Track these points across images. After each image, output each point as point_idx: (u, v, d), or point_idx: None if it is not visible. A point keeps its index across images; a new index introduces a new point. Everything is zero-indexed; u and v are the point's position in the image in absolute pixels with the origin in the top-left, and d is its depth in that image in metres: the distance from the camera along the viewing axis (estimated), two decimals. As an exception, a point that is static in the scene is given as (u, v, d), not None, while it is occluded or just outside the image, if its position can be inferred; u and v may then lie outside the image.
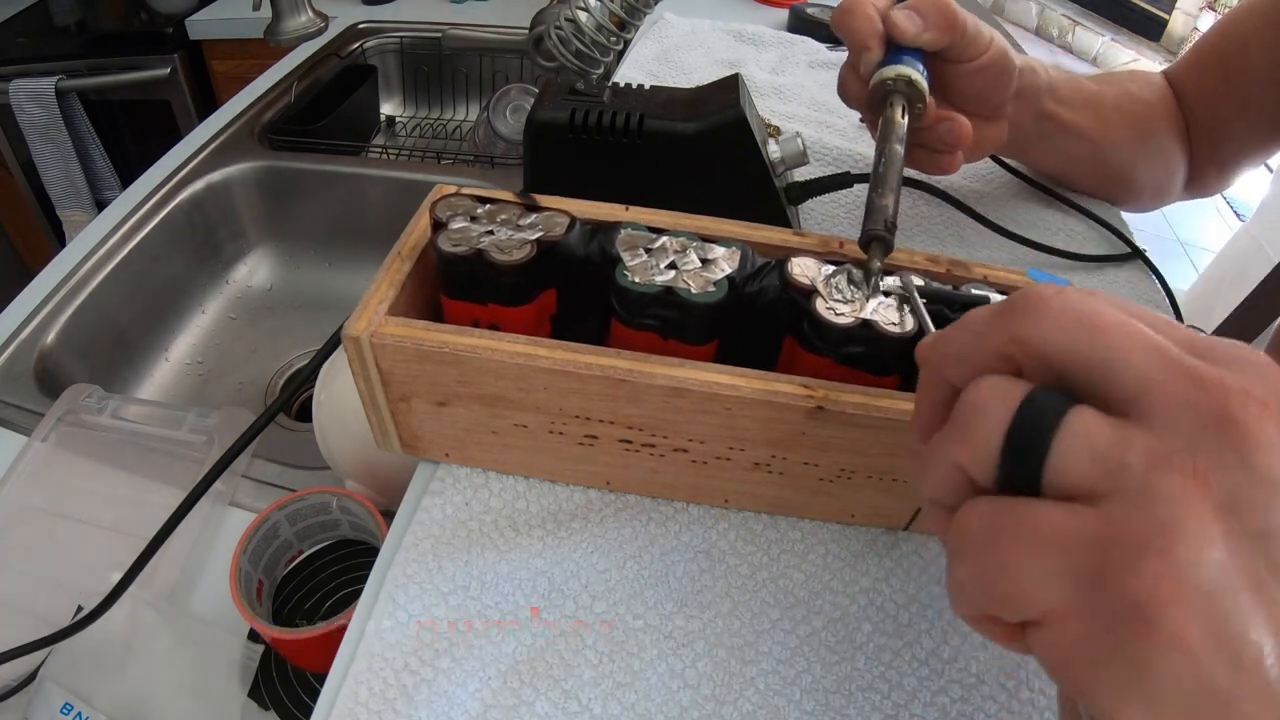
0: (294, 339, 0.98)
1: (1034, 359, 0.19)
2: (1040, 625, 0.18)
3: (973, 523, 0.19)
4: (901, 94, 0.39)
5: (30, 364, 0.72)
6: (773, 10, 1.06)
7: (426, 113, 1.34)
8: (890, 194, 0.34)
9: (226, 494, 0.59)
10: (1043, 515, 0.18)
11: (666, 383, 0.29)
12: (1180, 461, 0.17)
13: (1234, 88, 0.55)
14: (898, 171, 0.35)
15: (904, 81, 0.39)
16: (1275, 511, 0.16)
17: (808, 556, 0.34)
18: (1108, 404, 0.18)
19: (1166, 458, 0.17)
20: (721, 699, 0.30)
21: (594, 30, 0.43)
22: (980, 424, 0.19)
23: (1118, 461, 0.17)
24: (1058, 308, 0.19)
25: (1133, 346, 0.18)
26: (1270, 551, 0.16)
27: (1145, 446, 0.17)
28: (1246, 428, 0.16)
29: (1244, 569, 0.16)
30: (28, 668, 0.48)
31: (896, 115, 0.38)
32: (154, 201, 0.90)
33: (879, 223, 0.32)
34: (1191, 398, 0.17)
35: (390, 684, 0.29)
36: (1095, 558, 0.17)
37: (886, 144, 0.36)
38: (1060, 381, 0.19)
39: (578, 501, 0.35)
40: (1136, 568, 0.16)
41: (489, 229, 0.32)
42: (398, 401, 0.32)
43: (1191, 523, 0.16)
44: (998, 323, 0.20)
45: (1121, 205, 0.59)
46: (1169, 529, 0.16)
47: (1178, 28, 1.30)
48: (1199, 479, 0.16)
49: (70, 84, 1.31)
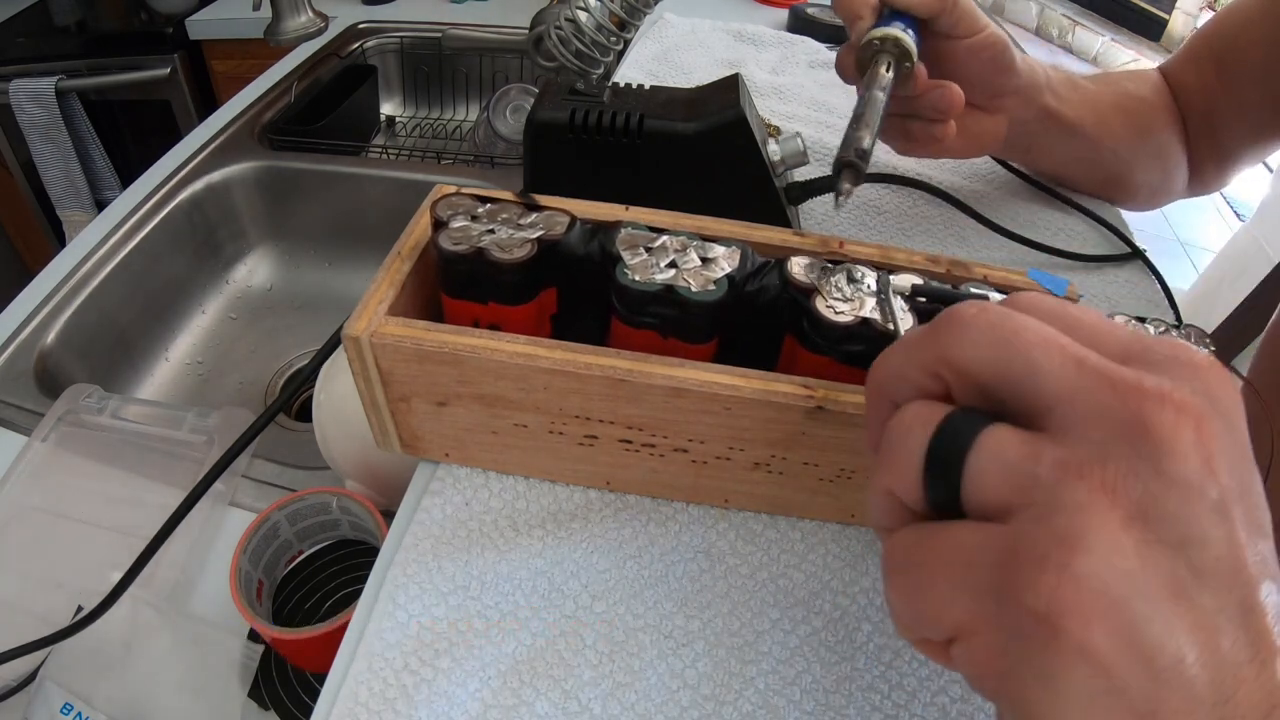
0: (294, 339, 0.98)
1: (959, 378, 0.20)
2: (958, 641, 0.18)
3: (896, 549, 0.20)
4: (888, 53, 0.40)
5: (30, 364, 0.72)
6: (773, 10, 1.06)
7: (426, 113, 1.34)
8: (865, 129, 0.35)
9: (226, 494, 0.59)
10: (951, 536, 0.18)
11: (666, 383, 0.29)
12: (1089, 471, 0.16)
13: (1229, 83, 0.55)
14: (877, 113, 0.36)
15: (891, 41, 0.40)
16: (1193, 518, 0.16)
17: (808, 556, 0.34)
18: (1030, 418, 0.18)
19: (1076, 468, 0.17)
20: (721, 699, 0.30)
21: (594, 30, 0.43)
22: (902, 450, 0.19)
23: (1028, 474, 0.17)
24: (977, 325, 0.19)
25: (1049, 359, 0.18)
26: (1192, 558, 0.16)
27: (1055, 458, 0.17)
28: (1160, 434, 0.16)
29: (1160, 576, 0.16)
30: (28, 668, 0.48)
31: (881, 69, 0.39)
32: (154, 201, 0.90)
33: (849, 150, 0.33)
34: (1106, 405, 0.17)
35: (390, 684, 0.29)
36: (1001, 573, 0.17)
37: (869, 90, 0.37)
38: (987, 399, 0.19)
39: (578, 501, 0.35)
40: (1037, 579, 0.16)
41: (489, 228, 0.32)
42: (398, 401, 0.32)
43: (1094, 532, 0.16)
44: (925, 343, 0.20)
45: (1121, 204, 0.59)
46: (1069, 539, 0.16)
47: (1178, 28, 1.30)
48: (1108, 488, 0.16)
49: (70, 84, 1.31)
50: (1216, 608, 0.16)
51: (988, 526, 0.18)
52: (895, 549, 0.20)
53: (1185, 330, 0.31)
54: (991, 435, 0.18)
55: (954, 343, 0.19)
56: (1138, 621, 0.15)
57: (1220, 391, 0.18)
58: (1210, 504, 0.16)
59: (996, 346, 0.19)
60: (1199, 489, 0.16)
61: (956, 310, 0.20)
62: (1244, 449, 0.17)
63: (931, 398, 0.20)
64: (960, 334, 0.19)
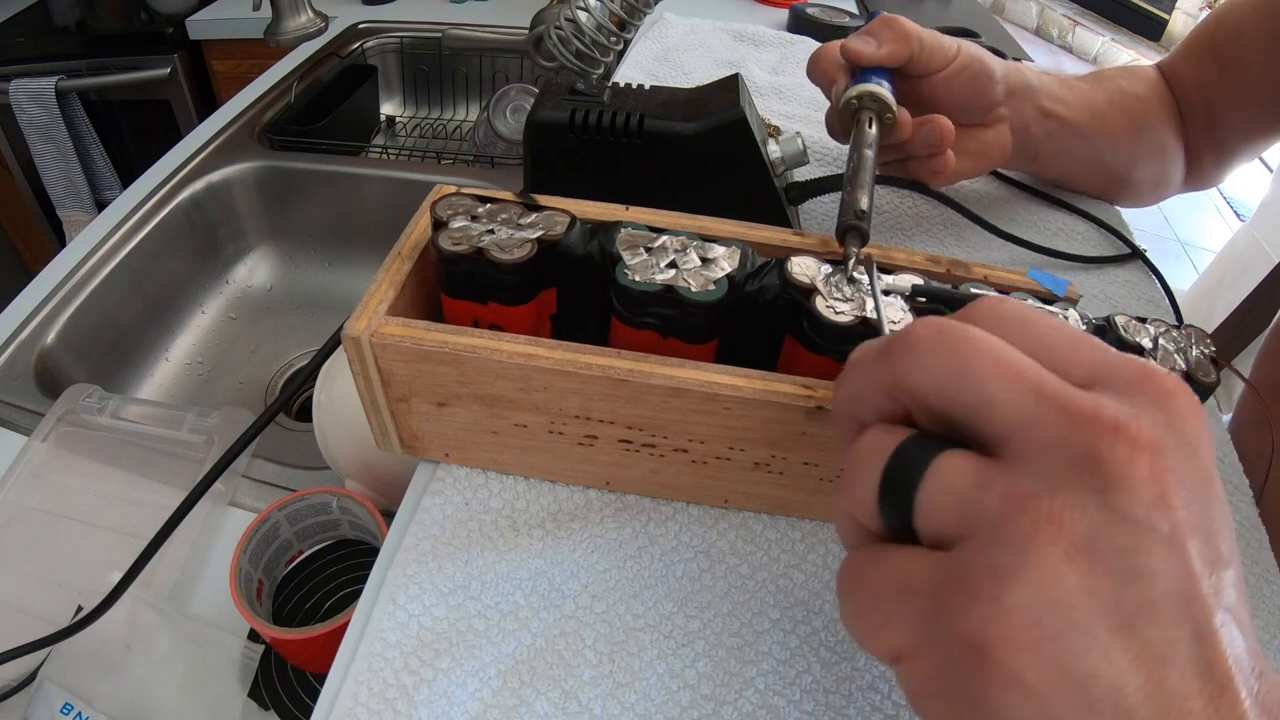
0: (294, 339, 0.98)
1: (915, 402, 0.19)
2: (899, 662, 0.18)
3: (848, 570, 0.20)
4: (869, 109, 0.41)
5: (30, 364, 0.72)
6: (773, 10, 1.06)
7: (426, 113, 1.34)
8: (861, 189, 0.35)
9: (226, 494, 0.59)
10: (895, 561, 0.19)
11: (666, 383, 0.29)
12: (1035, 503, 0.16)
13: (1229, 77, 0.55)
14: (868, 171, 0.37)
15: (868, 97, 0.41)
16: (1141, 552, 0.16)
17: (808, 556, 0.34)
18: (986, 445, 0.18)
19: (1022, 500, 0.17)
20: (721, 699, 0.30)
21: (594, 30, 0.43)
22: (859, 477, 0.20)
23: (975, 505, 0.17)
24: (929, 350, 0.19)
25: (1003, 389, 0.18)
26: (1141, 590, 0.16)
27: (1003, 489, 0.17)
28: (1110, 468, 0.16)
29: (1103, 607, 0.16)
30: (28, 668, 0.48)
31: (865, 126, 0.40)
32: (154, 201, 0.90)
33: (849, 214, 0.34)
34: (1060, 437, 0.17)
35: (390, 684, 0.29)
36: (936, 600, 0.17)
37: (858, 150, 0.39)
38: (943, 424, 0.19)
39: (578, 501, 0.35)
40: (970, 609, 0.16)
41: (489, 228, 0.32)
42: (398, 401, 0.32)
43: (1032, 564, 0.16)
44: (880, 366, 0.20)
45: (1121, 202, 0.59)
46: (1004, 571, 0.16)
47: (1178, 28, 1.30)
48: (1054, 520, 0.16)
49: (70, 84, 1.31)
50: (1165, 639, 0.16)
51: (930, 554, 0.18)
52: (848, 570, 0.20)
53: (1185, 330, 0.31)
54: (942, 465, 0.18)
55: (907, 369, 0.19)
56: (1072, 652, 0.16)
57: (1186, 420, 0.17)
58: (1160, 537, 0.16)
59: (950, 374, 0.18)
60: (1148, 523, 0.16)
61: (911, 332, 0.19)
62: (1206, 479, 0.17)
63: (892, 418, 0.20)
64: (912, 359, 0.19)
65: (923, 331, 0.19)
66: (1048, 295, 0.33)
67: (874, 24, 0.43)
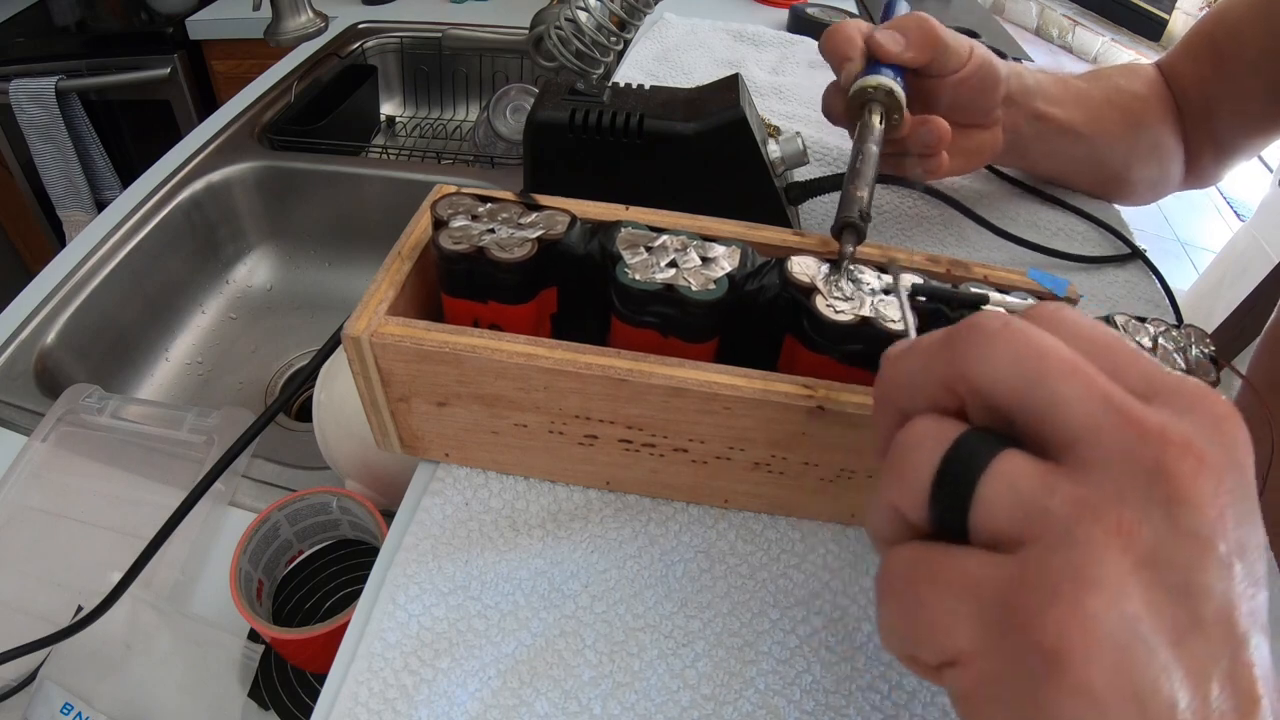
0: (294, 339, 0.98)
1: (976, 396, 0.19)
2: (954, 665, 0.18)
3: (896, 566, 0.19)
4: (880, 103, 0.41)
5: (30, 364, 0.72)
6: (773, 10, 1.06)
7: (426, 113, 1.34)
8: (865, 187, 0.35)
9: (226, 494, 0.59)
10: (958, 562, 0.18)
11: (666, 382, 0.29)
12: (1105, 513, 0.16)
13: (1227, 75, 0.55)
14: (873, 168, 0.36)
15: (884, 91, 0.40)
16: (1200, 569, 0.16)
17: (808, 556, 0.34)
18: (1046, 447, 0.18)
19: (1093, 508, 0.17)
20: (721, 699, 0.30)
21: (594, 30, 0.43)
22: (911, 466, 0.19)
23: (1041, 508, 0.17)
24: (1002, 344, 0.18)
25: (1075, 393, 0.17)
26: (1195, 607, 0.16)
27: (1071, 495, 0.17)
28: (1178, 483, 0.16)
29: (1163, 623, 0.16)
30: (28, 668, 0.48)
31: (874, 120, 0.40)
32: (154, 201, 0.90)
33: (853, 211, 0.33)
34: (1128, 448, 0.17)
35: (390, 684, 0.29)
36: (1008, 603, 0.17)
37: (863, 144, 0.38)
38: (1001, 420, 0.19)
39: (578, 501, 0.35)
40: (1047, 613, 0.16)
41: (490, 227, 0.32)
42: (398, 401, 0.32)
43: (1108, 573, 0.16)
44: (943, 354, 0.20)
45: (1120, 201, 0.59)
46: (1083, 577, 0.16)
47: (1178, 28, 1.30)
48: (1123, 531, 0.16)
49: (70, 84, 1.31)
50: (1211, 657, 0.16)
51: (996, 556, 0.17)
52: (895, 565, 0.19)
53: (1185, 330, 0.31)
54: (1005, 462, 0.18)
55: (975, 359, 0.19)
56: (1137, 665, 0.16)
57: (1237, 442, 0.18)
58: (1218, 558, 0.16)
59: (1020, 371, 0.18)
60: (1210, 542, 0.16)
61: (979, 322, 0.19)
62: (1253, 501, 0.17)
63: (943, 411, 0.20)
64: (982, 350, 0.19)
65: (992, 322, 0.19)
66: (1048, 295, 0.33)
67: (905, 20, 0.42)
